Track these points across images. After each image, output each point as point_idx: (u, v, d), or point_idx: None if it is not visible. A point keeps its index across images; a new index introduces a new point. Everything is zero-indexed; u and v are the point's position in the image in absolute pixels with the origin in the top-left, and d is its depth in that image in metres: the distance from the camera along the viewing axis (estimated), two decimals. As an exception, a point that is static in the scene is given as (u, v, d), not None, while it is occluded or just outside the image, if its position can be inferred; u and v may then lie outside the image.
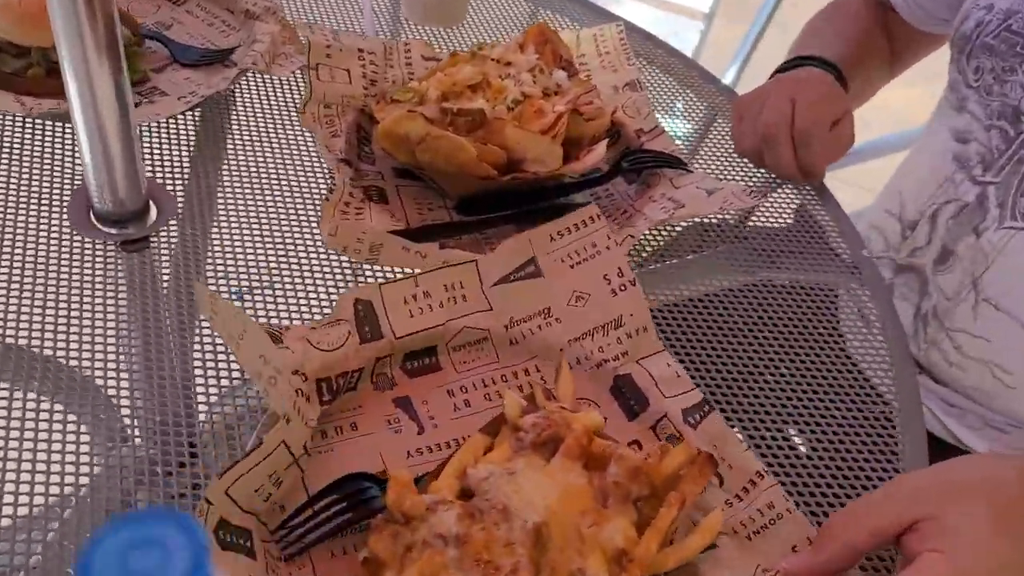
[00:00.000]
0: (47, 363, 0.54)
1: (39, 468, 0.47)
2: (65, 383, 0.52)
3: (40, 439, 0.49)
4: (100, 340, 0.55)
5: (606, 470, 0.46)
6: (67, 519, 0.46)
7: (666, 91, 0.92)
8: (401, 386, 0.54)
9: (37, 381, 0.52)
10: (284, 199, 0.69)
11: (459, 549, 0.41)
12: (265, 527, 0.45)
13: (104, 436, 0.51)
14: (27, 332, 0.55)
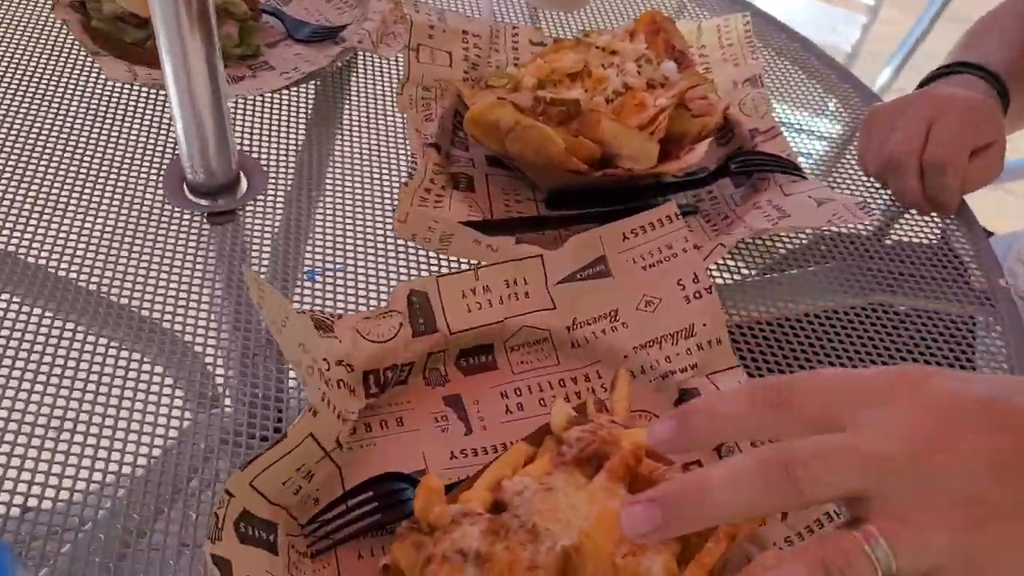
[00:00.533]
0: (143, 323, 0.55)
1: (134, 420, 0.49)
2: (158, 342, 0.54)
3: (138, 397, 0.50)
4: (195, 307, 0.56)
5: (651, 495, 0.42)
6: (148, 476, 0.47)
7: (805, 95, 0.85)
8: (454, 383, 0.52)
9: (131, 339, 0.54)
10: (372, 182, 0.68)
11: (479, 568, 0.38)
12: (295, 521, 0.44)
13: (195, 399, 0.52)
14: (128, 293, 0.56)
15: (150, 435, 0.49)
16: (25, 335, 0.53)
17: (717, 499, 0.35)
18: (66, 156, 0.66)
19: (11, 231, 0.59)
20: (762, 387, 0.37)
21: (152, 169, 0.66)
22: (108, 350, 0.53)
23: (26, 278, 0.57)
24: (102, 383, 0.51)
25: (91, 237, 0.60)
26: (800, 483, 0.33)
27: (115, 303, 0.56)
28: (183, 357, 0.53)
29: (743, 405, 0.37)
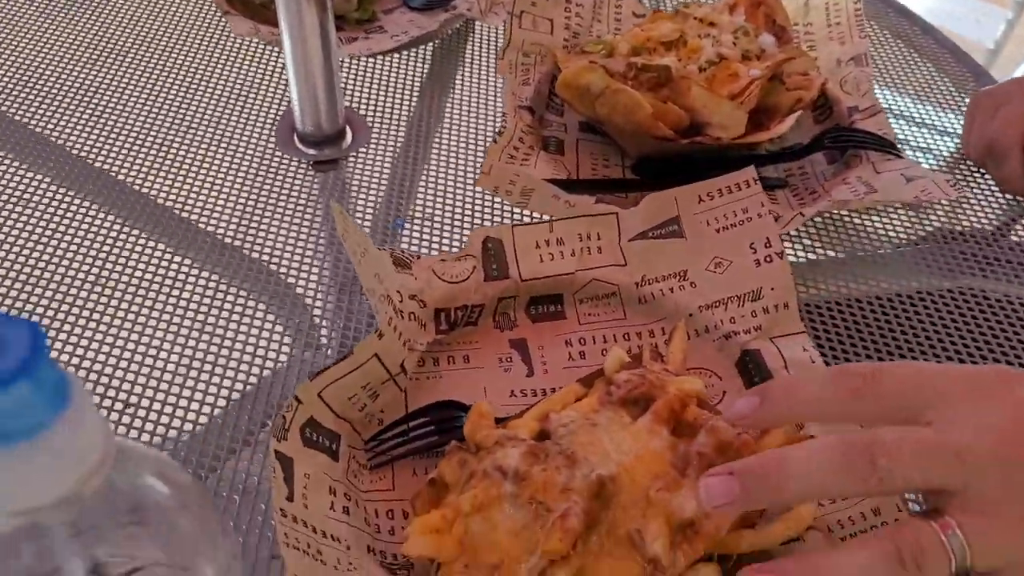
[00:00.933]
0: (252, 263, 0.60)
1: (234, 354, 0.53)
2: (268, 282, 0.58)
3: (240, 330, 0.55)
4: (300, 250, 0.61)
5: (694, 439, 0.43)
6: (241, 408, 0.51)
7: (919, 81, 0.83)
8: (521, 328, 0.54)
9: (247, 278, 0.58)
10: (468, 141, 0.71)
11: (516, 485, 0.41)
12: (358, 436, 0.47)
13: (294, 337, 0.56)
14: (233, 233, 0.61)
15: (248, 366, 0.53)
16: (149, 268, 0.58)
17: (795, 478, 0.35)
18: (191, 106, 0.72)
19: (139, 172, 0.65)
20: (847, 373, 0.37)
21: (268, 120, 0.71)
22: (220, 284, 0.58)
23: (152, 216, 0.62)
24: (210, 315, 0.55)
25: (207, 180, 0.65)
26: (881, 471, 0.33)
27: (228, 244, 0.61)
28: (285, 296, 0.58)
29: (827, 389, 0.37)
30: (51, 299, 0.55)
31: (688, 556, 0.39)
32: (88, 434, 0.20)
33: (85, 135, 0.68)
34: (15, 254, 0.58)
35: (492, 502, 0.41)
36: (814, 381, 0.38)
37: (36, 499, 0.19)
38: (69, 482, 0.19)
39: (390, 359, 0.47)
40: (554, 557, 0.38)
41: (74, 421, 0.19)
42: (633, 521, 0.40)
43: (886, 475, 0.33)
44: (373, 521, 0.44)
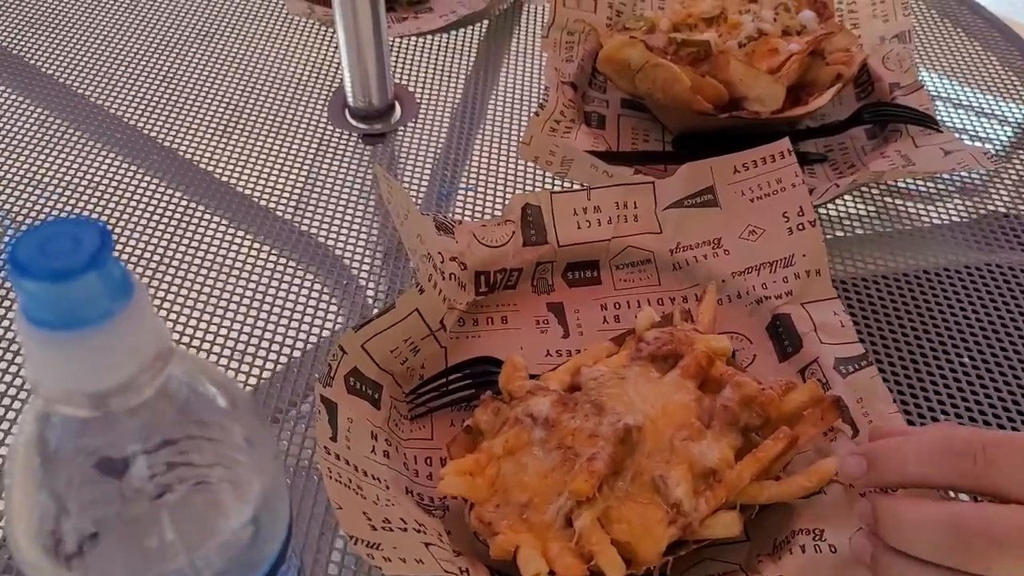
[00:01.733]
0: (296, 235, 0.62)
1: (282, 323, 0.56)
2: (316, 255, 0.61)
3: (289, 299, 0.57)
4: (348, 219, 0.63)
5: (719, 393, 0.45)
6: (286, 376, 0.53)
7: (979, 68, 0.82)
8: (558, 292, 0.56)
9: (295, 252, 0.61)
10: (511, 116, 0.73)
11: (546, 431, 0.43)
12: (400, 388, 0.50)
13: (339, 305, 0.58)
14: (285, 208, 0.64)
15: (296, 332, 0.55)
16: (204, 238, 0.61)
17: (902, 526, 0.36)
18: (249, 84, 0.75)
19: (199, 147, 0.69)
20: (954, 451, 0.36)
21: (321, 97, 0.74)
22: (271, 254, 0.61)
23: (211, 188, 0.66)
24: (263, 283, 0.58)
25: (263, 154, 0.69)
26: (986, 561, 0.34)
27: (281, 214, 0.64)
28: (333, 265, 0.60)
29: (935, 467, 0.37)
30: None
31: (710, 503, 0.41)
32: (148, 328, 0.22)
33: (148, 111, 0.72)
34: (83, 218, 0.62)
35: (523, 446, 0.43)
36: (921, 456, 0.37)
37: (102, 382, 0.21)
38: (132, 369, 0.22)
39: (431, 315, 0.49)
40: (580, 498, 0.40)
41: (136, 314, 0.21)
42: (657, 468, 0.42)
43: (992, 564, 0.34)
44: (412, 466, 0.47)
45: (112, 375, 0.22)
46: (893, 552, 0.37)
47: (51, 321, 0.20)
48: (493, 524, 0.41)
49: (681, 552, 0.41)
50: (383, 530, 0.39)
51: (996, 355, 0.55)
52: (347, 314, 0.57)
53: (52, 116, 0.70)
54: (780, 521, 0.44)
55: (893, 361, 0.54)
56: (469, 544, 0.43)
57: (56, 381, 0.21)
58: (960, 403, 0.52)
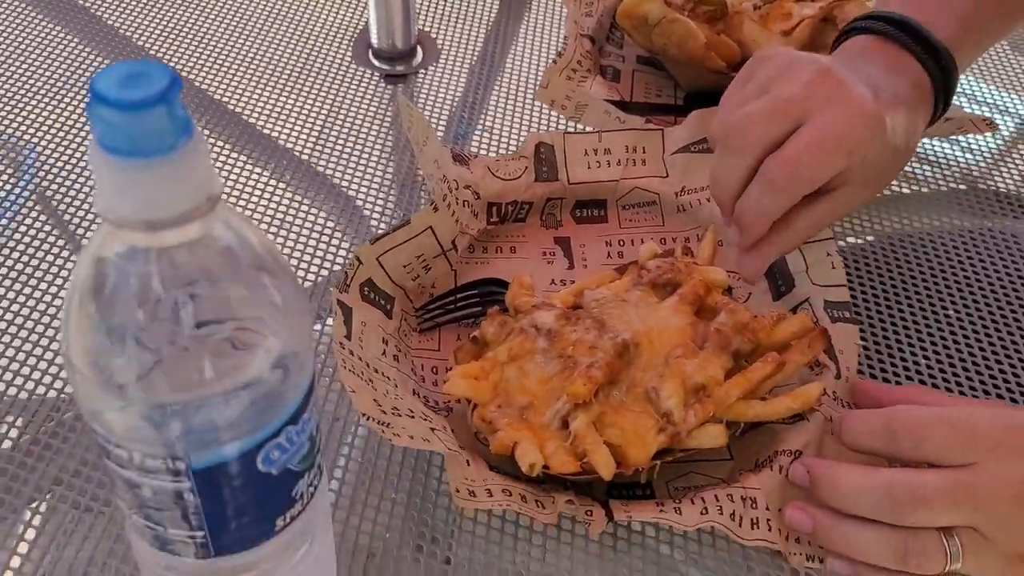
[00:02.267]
0: (315, 170, 0.65)
1: (293, 257, 0.57)
2: (332, 190, 0.63)
3: (305, 232, 0.59)
4: (365, 156, 0.65)
5: (714, 319, 0.47)
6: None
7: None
8: (566, 227, 0.59)
9: (312, 187, 0.63)
10: (530, 65, 0.75)
11: (548, 341, 0.45)
12: (411, 303, 0.53)
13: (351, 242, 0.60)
14: (305, 142, 0.66)
15: (307, 265, 0.57)
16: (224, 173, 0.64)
17: (843, 497, 0.41)
18: (275, 20, 0.77)
19: (220, 82, 0.71)
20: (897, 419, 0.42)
21: (346, 37, 0.77)
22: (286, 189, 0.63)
23: (231, 125, 0.68)
24: (275, 218, 0.60)
25: (287, 89, 0.71)
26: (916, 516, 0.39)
27: (301, 150, 0.66)
28: (347, 202, 0.62)
29: (882, 437, 0.42)
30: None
31: (698, 416, 0.44)
32: (204, 169, 0.25)
33: (173, 45, 0.74)
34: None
35: (526, 353, 0.45)
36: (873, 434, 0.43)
37: (162, 211, 0.24)
38: (188, 203, 0.24)
39: (443, 234, 0.52)
40: (577, 401, 0.43)
41: (196, 152, 0.24)
42: (651, 381, 0.44)
43: (918, 519, 0.39)
44: (419, 372, 0.50)
45: (171, 206, 0.24)
46: (832, 511, 0.42)
47: (123, 149, 0.23)
48: (494, 422, 0.44)
49: (668, 459, 0.43)
50: (393, 415, 0.41)
51: (985, 318, 0.58)
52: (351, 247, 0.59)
53: (80, 44, 0.73)
54: (764, 443, 0.47)
55: (884, 318, 0.57)
56: (470, 443, 0.46)
57: (121, 208, 0.24)
58: (945, 361, 0.55)
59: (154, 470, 0.28)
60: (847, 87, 0.46)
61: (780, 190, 0.46)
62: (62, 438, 0.46)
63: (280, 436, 0.30)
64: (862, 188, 0.48)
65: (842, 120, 0.45)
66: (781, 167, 0.45)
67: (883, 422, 0.42)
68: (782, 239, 0.48)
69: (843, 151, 0.45)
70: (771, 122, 0.46)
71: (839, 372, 0.49)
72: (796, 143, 0.45)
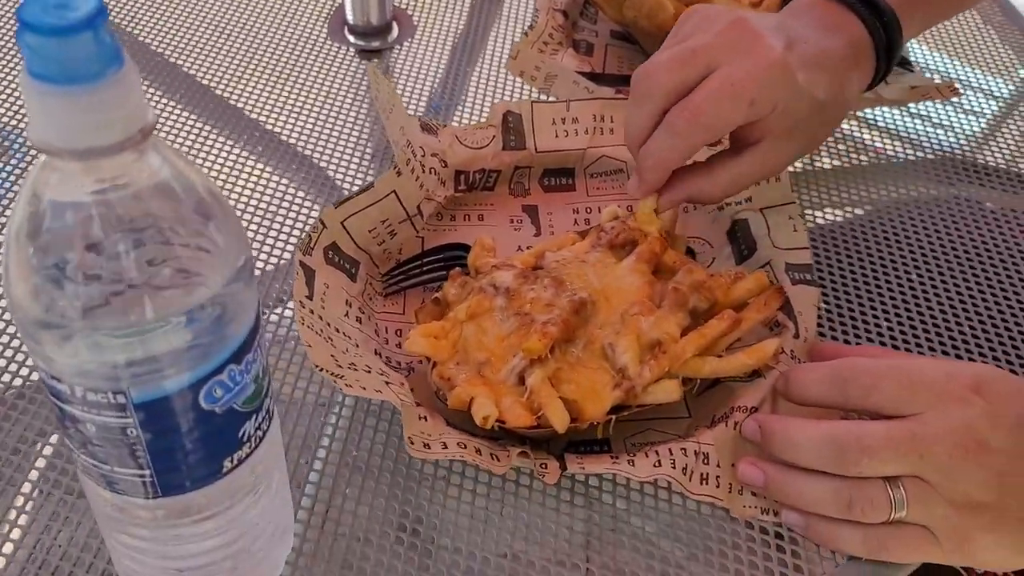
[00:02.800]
0: (288, 145, 0.65)
1: (262, 231, 0.58)
2: (304, 164, 0.64)
3: (275, 205, 0.60)
4: (338, 131, 0.66)
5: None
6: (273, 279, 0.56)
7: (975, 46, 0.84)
8: (534, 196, 0.59)
9: (283, 162, 0.63)
10: (502, 41, 0.76)
11: (506, 300, 0.46)
12: (376, 268, 0.53)
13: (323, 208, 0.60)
14: (278, 117, 0.67)
15: (277, 242, 0.57)
16: (197, 149, 0.64)
17: (792, 448, 0.42)
18: (252, 2, 0.78)
19: (196, 58, 0.72)
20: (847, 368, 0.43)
21: (322, 14, 0.77)
22: (256, 164, 0.63)
23: (204, 100, 0.69)
24: (246, 191, 0.60)
25: (261, 63, 0.71)
26: (861, 466, 0.40)
27: (271, 128, 0.66)
28: (318, 177, 0.63)
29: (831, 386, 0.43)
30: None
31: (654, 371, 0.44)
32: (136, 99, 0.25)
33: (147, 20, 0.74)
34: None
35: (484, 312, 0.46)
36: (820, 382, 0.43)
37: (93, 140, 0.25)
38: (120, 133, 0.25)
39: (408, 199, 0.52)
40: (533, 356, 0.43)
41: (126, 82, 0.25)
42: (607, 338, 0.45)
43: (864, 468, 0.40)
44: (383, 335, 0.50)
45: (101, 134, 0.25)
46: (782, 464, 0.43)
47: (50, 75, 0.24)
48: (452, 379, 0.44)
49: (624, 413, 0.44)
50: (349, 369, 0.42)
51: (948, 282, 0.58)
52: None
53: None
54: (721, 400, 0.47)
55: (847, 283, 0.57)
56: (430, 402, 0.46)
57: (51, 136, 0.25)
58: (907, 323, 0.55)
59: (96, 405, 0.29)
60: (757, 36, 0.46)
61: (680, 136, 0.46)
62: (53, 423, 0.46)
63: (222, 373, 0.30)
64: (786, 141, 0.49)
65: (745, 69, 0.45)
66: (681, 113, 0.46)
67: (831, 371, 0.43)
68: (701, 188, 0.50)
69: (744, 99, 0.45)
70: (677, 70, 0.46)
71: (798, 332, 0.49)
72: (699, 91, 0.46)
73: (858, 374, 0.42)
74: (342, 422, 0.47)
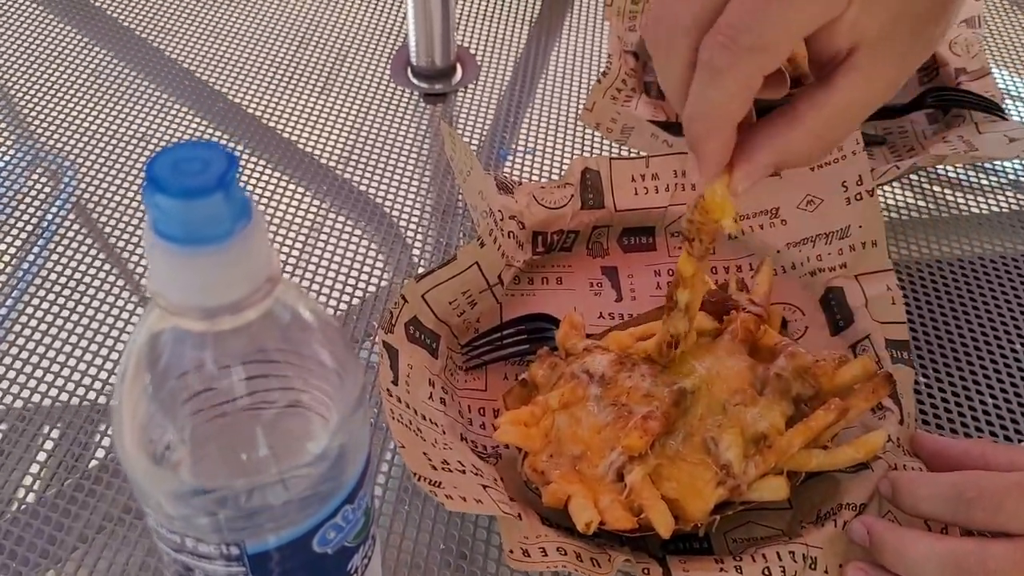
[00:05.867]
0: (352, 190, 0.64)
1: (328, 277, 0.57)
2: (368, 211, 0.62)
3: (339, 252, 0.58)
4: (407, 178, 0.64)
5: (773, 362, 0.45)
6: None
7: None
8: (613, 256, 0.57)
9: (347, 207, 0.62)
10: (573, 82, 0.73)
11: (601, 388, 0.44)
12: (456, 339, 0.51)
13: (393, 265, 0.59)
14: (344, 162, 0.65)
15: (343, 286, 0.56)
16: (261, 190, 0.63)
17: (906, 562, 0.39)
18: (313, 36, 0.76)
19: (261, 98, 0.70)
20: (969, 486, 0.39)
21: (385, 54, 0.75)
22: (320, 209, 0.62)
23: (264, 139, 0.67)
24: (311, 237, 0.59)
25: (325, 107, 0.70)
26: None
27: (340, 169, 0.65)
28: (387, 224, 0.61)
29: (948, 505, 0.40)
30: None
31: (759, 467, 0.42)
32: (263, 252, 0.23)
33: (212, 62, 0.73)
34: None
35: (578, 401, 0.44)
36: (935, 499, 0.40)
37: (218, 299, 0.23)
38: (245, 289, 0.23)
39: (489, 269, 0.50)
40: (633, 453, 0.41)
41: (254, 237, 0.23)
42: (709, 430, 0.43)
43: None
44: (466, 415, 0.48)
45: (227, 292, 0.23)
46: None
47: (178, 236, 0.22)
48: (546, 473, 0.42)
49: (728, 512, 0.42)
50: (443, 470, 0.40)
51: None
52: (392, 271, 0.58)
53: (122, 66, 0.72)
54: (825, 492, 0.45)
55: (932, 349, 0.55)
56: (520, 492, 0.44)
57: (176, 294, 0.23)
58: (999, 395, 0.53)
59: (208, 556, 0.27)
60: None
61: (724, 72, 0.32)
62: (105, 483, 0.45)
63: (337, 516, 0.28)
64: (889, 45, 0.33)
65: None
66: (715, 40, 0.32)
67: (953, 490, 0.40)
68: (787, 144, 0.36)
69: None
70: None
71: (902, 417, 0.47)
72: (731, 3, 0.32)
73: (985, 494, 0.38)
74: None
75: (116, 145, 0.65)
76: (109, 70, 0.71)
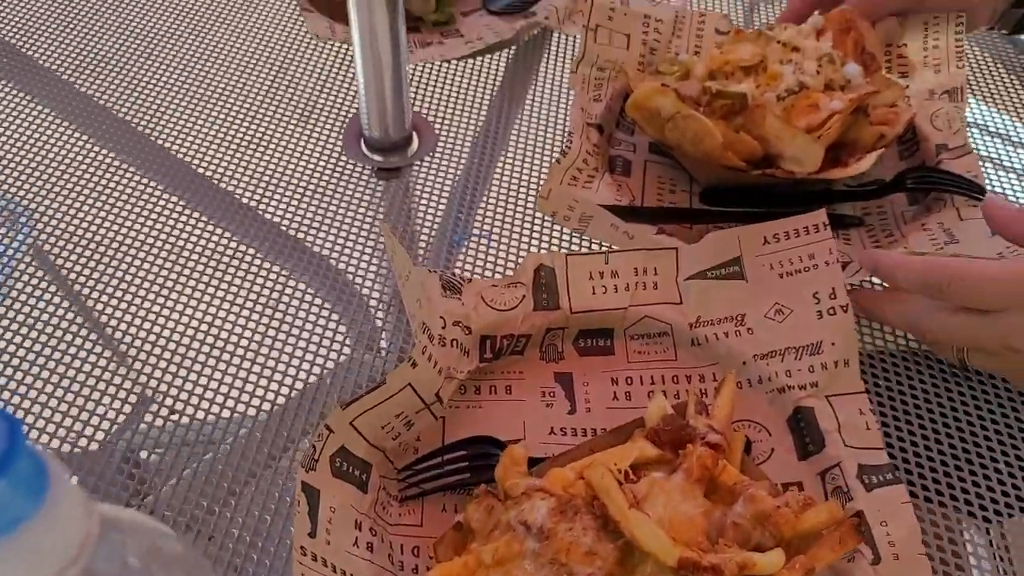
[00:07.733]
0: (319, 261, 0.60)
1: (286, 350, 0.54)
2: (331, 283, 0.59)
3: (303, 325, 0.56)
4: (366, 254, 0.61)
5: (731, 506, 0.41)
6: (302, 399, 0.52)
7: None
8: (568, 361, 0.53)
9: (308, 275, 0.59)
10: (534, 157, 0.69)
11: (539, 542, 0.40)
12: (391, 464, 0.47)
13: (354, 337, 0.56)
14: (304, 232, 0.62)
15: (307, 364, 0.53)
16: (213, 255, 0.60)
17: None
18: (265, 102, 0.72)
19: (210, 161, 0.66)
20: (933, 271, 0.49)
21: (338, 122, 0.71)
22: (279, 277, 0.58)
23: (218, 204, 0.63)
24: (268, 306, 0.56)
25: (275, 178, 0.66)
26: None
27: (291, 236, 0.61)
28: (347, 298, 0.57)
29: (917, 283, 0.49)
30: (121, 279, 0.57)
31: (714, 632, 0.38)
32: (67, 520, 0.19)
33: (160, 122, 0.69)
34: (98, 241, 0.59)
35: (513, 557, 0.40)
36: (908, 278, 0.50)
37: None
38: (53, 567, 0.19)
39: (425, 389, 0.46)
40: (572, 622, 0.37)
41: (52, 511, 0.19)
42: (659, 590, 0.39)
43: None
44: (397, 558, 0.44)
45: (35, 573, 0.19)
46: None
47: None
48: (478, 639, 0.38)
49: None
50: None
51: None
52: (353, 343, 0.55)
53: (73, 128, 0.68)
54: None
55: (916, 442, 0.51)
56: (452, 654, 0.40)
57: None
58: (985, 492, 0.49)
59: None
60: None
61: None
62: None
63: None
64: None
65: None
66: None
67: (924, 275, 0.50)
68: None
69: None
70: None
71: (877, 556, 0.43)
72: None
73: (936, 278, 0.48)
74: None
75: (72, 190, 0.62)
76: (59, 132, 0.67)
